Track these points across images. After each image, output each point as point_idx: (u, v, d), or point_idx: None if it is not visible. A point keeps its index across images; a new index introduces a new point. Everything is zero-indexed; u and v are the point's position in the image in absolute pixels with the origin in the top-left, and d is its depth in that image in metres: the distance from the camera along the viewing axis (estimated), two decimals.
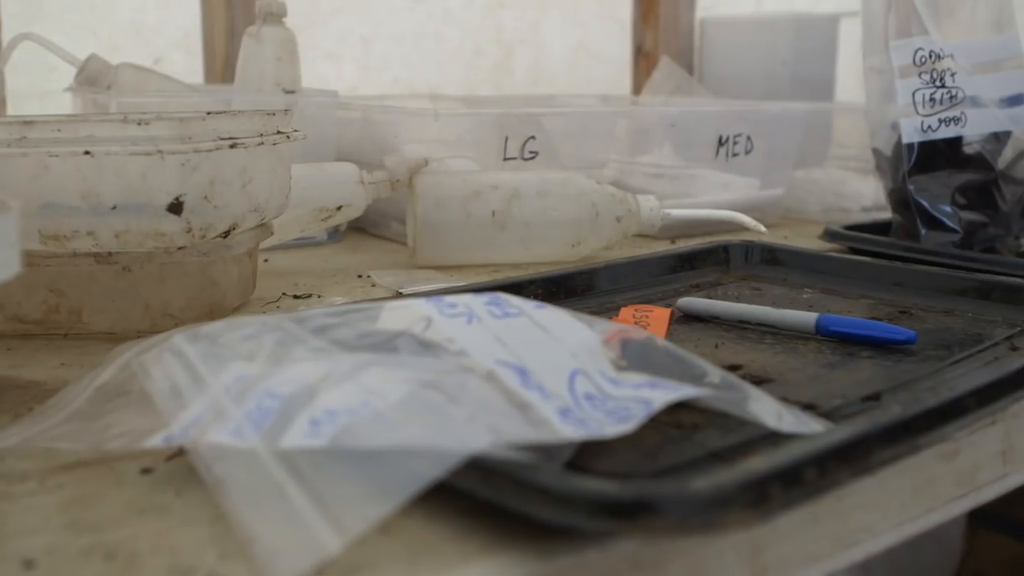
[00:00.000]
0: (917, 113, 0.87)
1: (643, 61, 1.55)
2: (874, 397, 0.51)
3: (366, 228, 1.01)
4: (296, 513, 0.35)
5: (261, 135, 0.65)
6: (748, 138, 1.02)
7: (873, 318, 0.67)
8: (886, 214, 1.09)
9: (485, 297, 0.48)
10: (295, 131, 0.69)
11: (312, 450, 0.37)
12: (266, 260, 0.86)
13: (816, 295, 0.75)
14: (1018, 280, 0.71)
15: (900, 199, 0.91)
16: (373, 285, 0.78)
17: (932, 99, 0.87)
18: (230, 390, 0.41)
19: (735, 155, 1.02)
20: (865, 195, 1.13)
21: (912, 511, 0.49)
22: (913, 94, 0.87)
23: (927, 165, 0.88)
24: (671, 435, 0.45)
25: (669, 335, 0.64)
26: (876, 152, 0.93)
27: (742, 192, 1.04)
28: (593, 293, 0.73)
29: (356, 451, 0.36)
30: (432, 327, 0.45)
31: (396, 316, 0.47)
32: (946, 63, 0.87)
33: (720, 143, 1.01)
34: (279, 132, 0.67)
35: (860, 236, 0.90)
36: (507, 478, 0.35)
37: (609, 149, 1.00)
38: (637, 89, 1.57)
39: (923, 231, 0.89)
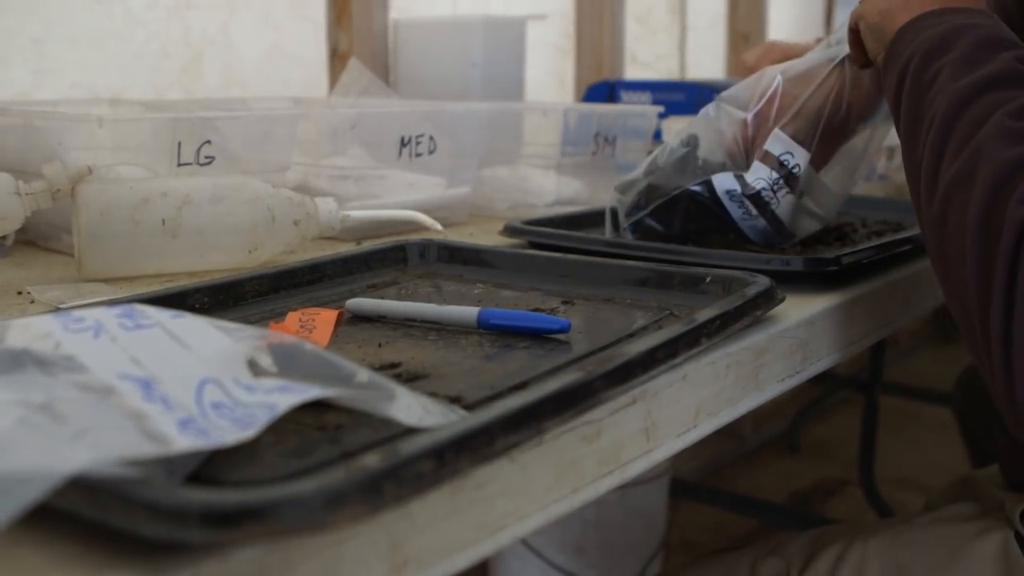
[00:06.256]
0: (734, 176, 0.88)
1: (339, 63, 1.54)
2: (522, 386, 0.53)
3: (36, 241, 0.96)
4: None
5: None
6: (431, 138, 1.04)
7: (537, 310, 0.70)
8: (568, 208, 1.14)
9: (118, 309, 0.46)
10: None
11: None
12: None
13: (488, 289, 0.77)
14: (670, 268, 0.76)
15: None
16: (32, 302, 0.74)
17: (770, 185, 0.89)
18: None
19: (419, 155, 1.03)
20: (549, 191, 1.18)
21: (557, 493, 0.51)
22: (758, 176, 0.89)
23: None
24: (313, 437, 0.45)
25: (335, 337, 0.64)
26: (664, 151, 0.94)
27: (428, 191, 1.06)
28: (264, 298, 0.72)
29: None
30: (56, 343, 0.43)
31: (19, 334, 0.44)
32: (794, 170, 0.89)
33: (403, 143, 1.02)
34: None
35: (536, 230, 0.93)
36: (112, 496, 0.34)
37: (292, 152, 0.99)
38: None
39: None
